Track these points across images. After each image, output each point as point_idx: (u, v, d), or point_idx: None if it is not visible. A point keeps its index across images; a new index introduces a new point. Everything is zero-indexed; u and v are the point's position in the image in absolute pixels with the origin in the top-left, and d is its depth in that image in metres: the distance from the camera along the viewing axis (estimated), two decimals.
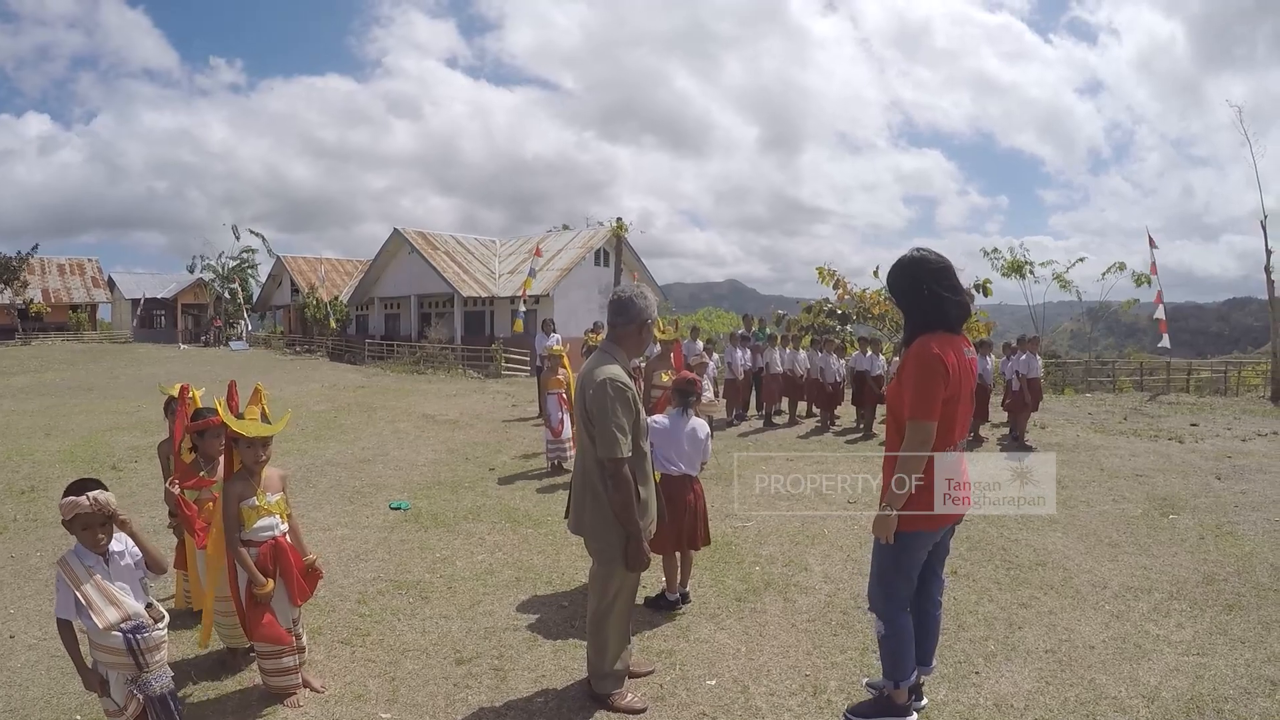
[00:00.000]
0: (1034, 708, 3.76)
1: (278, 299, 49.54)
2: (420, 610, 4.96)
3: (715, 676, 4.07)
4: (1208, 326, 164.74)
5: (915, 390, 3.23)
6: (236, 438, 3.73)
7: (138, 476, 8.93)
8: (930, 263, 3.38)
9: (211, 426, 4.21)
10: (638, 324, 3.69)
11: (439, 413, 14.94)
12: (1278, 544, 6.41)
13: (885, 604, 3.46)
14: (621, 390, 3.47)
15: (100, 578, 3.04)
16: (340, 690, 3.93)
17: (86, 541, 3.04)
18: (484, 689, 3.95)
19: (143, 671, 3.07)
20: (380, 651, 4.36)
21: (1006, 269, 28.81)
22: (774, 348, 13.98)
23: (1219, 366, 29.20)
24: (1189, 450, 10.95)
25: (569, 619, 4.82)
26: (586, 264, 32.92)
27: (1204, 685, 3.97)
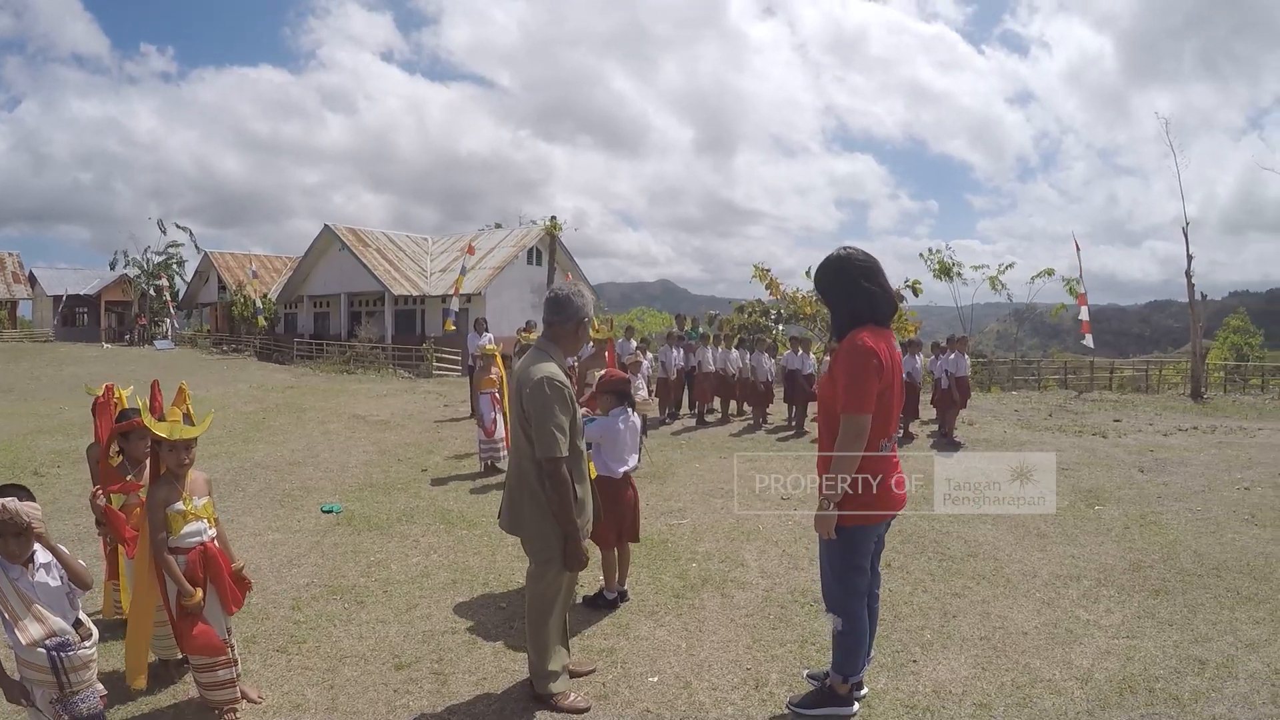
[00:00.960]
0: (972, 692, 3.85)
1: (204, 296, 47.79)
2: (356, 615, 4.85)
3: (657, 673, 4.06)
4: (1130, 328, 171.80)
5: (849, 383, 3.26)
6: (159, 440, 3.58)
7: (61, 482, 8.58)
8: (857, 259, 3.44)
9: (137, 428, 4.04)
10: (574, 322, 3.67)
11: (370, 413, 14.69)
12: (1200, 532, 6.69)
13: (846, 600, 3.48)
14: (559, 389, 3.44)
15: (24, 590, 2.92)
16: (278, 700, 3.82)
17: (1, 550, 2.90)
18: (425, 694, 3.87)
19: (65, 691, 2.95)
20: (317, 659, 4.25)
21: (937, 271, 29.60)
22: (706, 347, 14.09)
23: (1140, 365, 30.48)
24: (1113, 445, 11.39)
25: (507, 620, 4.76)
26: (519, 263, 32.73)
27: (1135, 666, 4.11)
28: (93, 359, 29.91)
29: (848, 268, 3.43)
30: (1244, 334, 51.99)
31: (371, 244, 34.20)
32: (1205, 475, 9.08)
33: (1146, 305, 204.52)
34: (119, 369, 24.38)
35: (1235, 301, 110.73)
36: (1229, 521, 7.00)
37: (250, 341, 37.07)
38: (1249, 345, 49.58)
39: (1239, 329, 52.94)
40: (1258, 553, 6.07)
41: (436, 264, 35.32)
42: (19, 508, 2.89)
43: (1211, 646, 4.37)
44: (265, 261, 46.24)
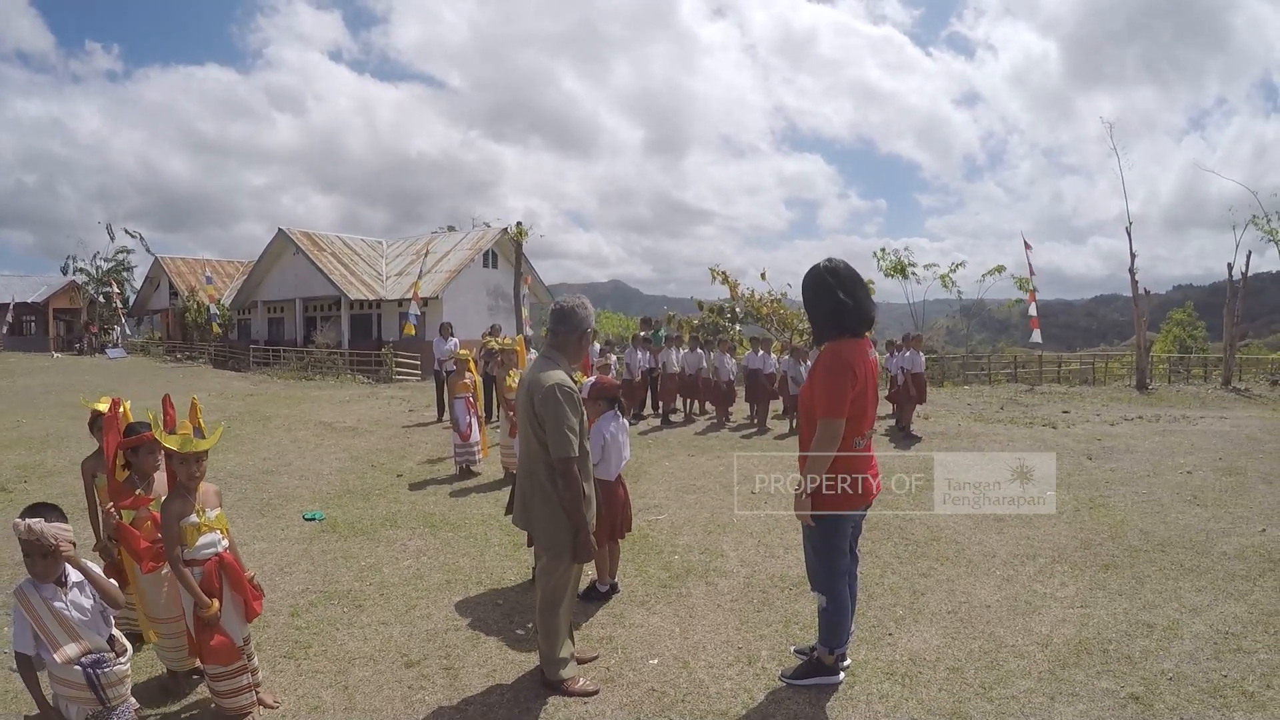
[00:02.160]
0: (945, 659, 4.23)
1: (155, 303, 46.56)
2: (357, 618, 4.96)
3: (656, 656, 4.35)
4: (1076, 322, 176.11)
5: (825, 391, 3.60)
6: (170, 454, 3.67)
7: (32, 497, 8.25)
8: (842, 273, 3.76)
9: (146, 442, 4.08)
10: (579, 333, 3.94)
11: (336, 420, 14.64)
12: (1146, 513, 7.17)
13: (829, 579, 3.83)
14: (570, 393, 3.70)
15: (59, 608, 3.00)
16: (294, 704, 3.91)
17: (28, 569, 3.00)
18: (438, 689, 4.04)
19: (104, 705, 3.04)
20: (325, 662, 4.36)
21: (890, 269, 30.23)
22: (671, 349, 14.38)
23: (1087, 359, 31.51)
24: (1062, 435, 11.94)
25: (506, 615, 4.98)
26: (475, 266, 32.65)
27: (1089, 631, 4.54)
28: (45, 369, 29.17)
29: (827, 281, 3.73)
30: (1187, 326, 53.49)
31: (326, 248, 33.87)
32: (1150, 461, 9.60)
33: (1092, 300, 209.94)
34: (74, 379, 23.91)
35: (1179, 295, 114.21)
36: (1173, 503, 7.49)
37: (205, 349, 36.39)
38: (1192, 338, 51.03)
39: (1182, 322, 54.48)
40: (1199, 530, 6.55)
41: (392, 268, 35.07)
42: (45, 529, 2.97)
43: (1158, 613, 4.81)
44: (217, 266, 45.26)
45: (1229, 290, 22.48)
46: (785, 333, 25.91)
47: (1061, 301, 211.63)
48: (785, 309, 28.49)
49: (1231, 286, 22.36)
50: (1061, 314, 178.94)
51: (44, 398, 18.30)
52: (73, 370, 28.81)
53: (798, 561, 5.74)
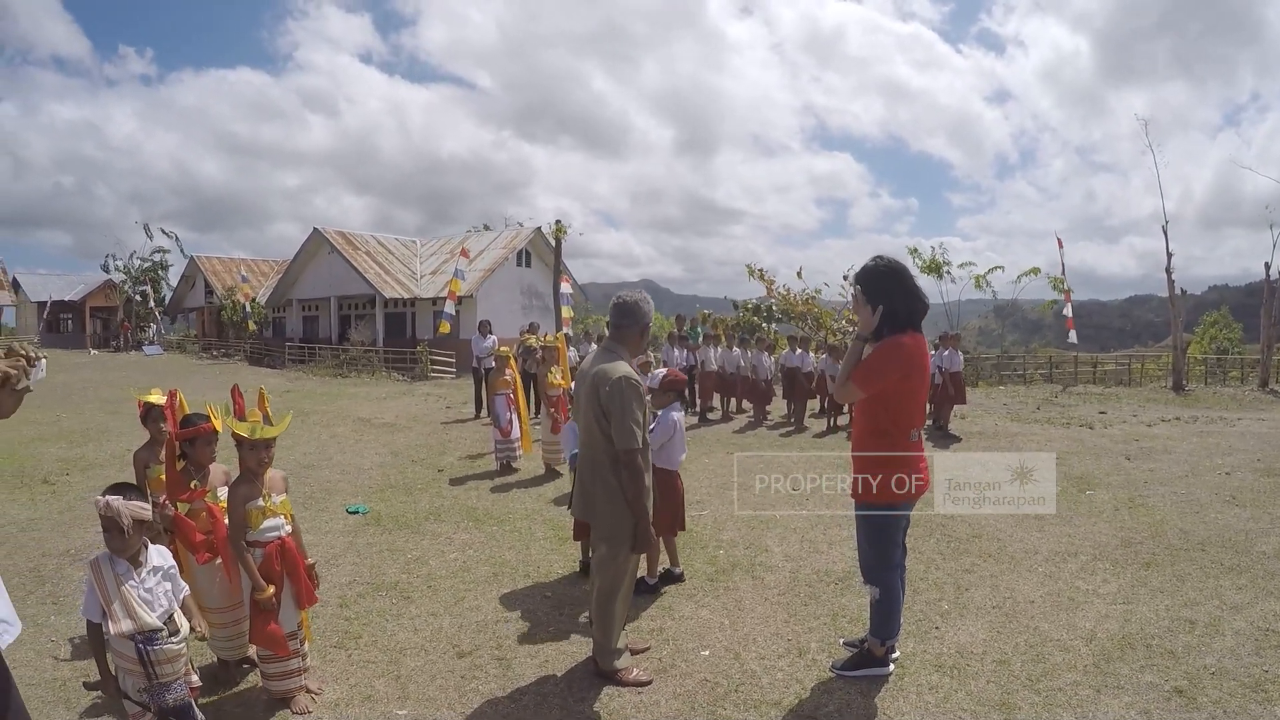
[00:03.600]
0: (991, 652, 4.30)
1: (190, 301, 47.33)
2: (405, 610, 5.04)
3: (708, 647, 4.44)
4: (1110, 322, 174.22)
5: (872, 369, 3.75)
6: (240, 440, 3.77)
7: (74, 489, 8.55)
8: (905, 270, 3.86)
9: (202, 434, 4.13)
10: (640, 326, 4.05)
11: (373, 416, 14.87)
12: (1185, 512, 7.18)
13: (883, 571, 3.91)
14: (635, 386, 3.81)
15: (128, 587, 3.08)
16: (347, 693, 3.98)
17: (106, 544, 3.10)
18: (491, 678, 4.10)
19: (152, 682, 3.11)
20: (376, 652, 4.43)
21: (925, 268, 30.15)
22: (709, 347, 14.46)
23: (1122, 360, 31.17)
24: (1099, 435, 11.92)
25: (555, 608, 5.07)
26: (509, 265, 32.82)
27: (1133, 627, 4.59)
28: (82, 366, 29.78)
29: (895, 276, 3.82)
30: (1223, 328, 52.82)
31: (361, 247, 34.17)
32: (1188, 462, 9.58)
33: (1126, 300, 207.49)
34: (111, 375, 24.41)
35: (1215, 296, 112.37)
36: (1211, 503, 7.49)
37: (240, 346, 36.93)
38: (1229, 339, 50.37)
39: (1216, 323, 53.82)
40: (1239, 530, 6.55)
41: (426, 266, 35.33)
42: (121, 506, 3.05)
43: (1200, 609, 4.84)
44: (252, 265, 45.91)
45: (1266, 290, 22.19)
46: (820, 331, 25.91)
47: (1095, 302, 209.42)
48: (820, 307, 28.47)
49: (1269, 286, 22.05)
50: (1095, 314, 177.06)
51: (82, 393, 18.73)
52: (110, 367, 29.36)
53: (842, 557, 5.85)
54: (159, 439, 4.47)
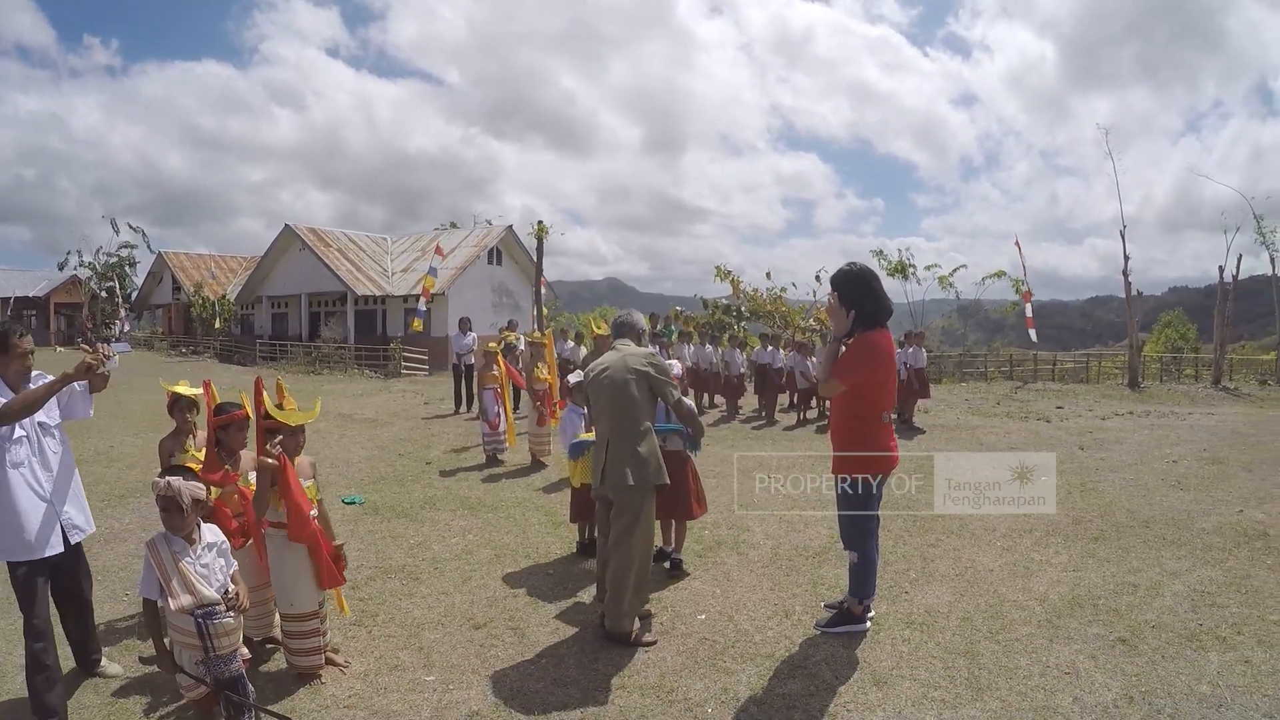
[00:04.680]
0: (956, 611, 4.85)
1: (158, 297, 46.65)
2: (416, 590, 5.31)
3: (703, 612, 4.91)
4: (1072, 322, 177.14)
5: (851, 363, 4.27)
6: (277, 428, 4.02)
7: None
8: (874, 275, 4.41)
9: (236, 420, 4.30)
10: (637, 332, 4.86)
11: (354, 412, 14.98)
12: (1132, 495, 7.79)
13: (863, 537, 4.43)
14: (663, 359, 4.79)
15: (185, 563, 3.27)
16: (374, 664, 4.23)
17: (164, 523, 3.29)
18: (508, 645, 4.45)
19: (209, 655, 3.25)
20: (394, 628, 4.68)
21: (891, 270, 30.86)
22: (682, 344, 14.91)
23: (1081, 358, 32.06)
24: (1055, 428, 12.58)
25: (558, 583, 5.45)
26: (480, 262, 32.88)
27: (1081, 590, 5.17)
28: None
29: (868, 281, 4.37)
30: (1179, 328, 54.46)
31: (333, 244, 34.05)
32: (1138, 451, 10.23)
33: (1087, 300, 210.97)
34: None
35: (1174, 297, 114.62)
36: (1158, 487, 8.09)
37: (209, 343, 36.50)
38: (1184, 339, 51.91)
39: (1171, 323, 55.54)
40: (1182, 510, 7.15)
41: (397, 264, 35.28)
42: (181, 485, 3.25)
43: (1142, 575, 5.43)
44: (220, 261, 45.09)
45: (1220, 293, 23.03)
46: (787, 329, 26.48)
47: (1057, 302, 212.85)
48: (786, 306, 29.08)
49: (1222, 289, 22.90)
50: (1057, 314, 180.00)
51: None
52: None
53: (818, 535, 6.36)
54: (185, 429, 4.65)
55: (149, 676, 4.11)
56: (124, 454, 10.24)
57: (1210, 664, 4.08)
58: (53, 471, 3.89)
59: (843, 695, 3.86)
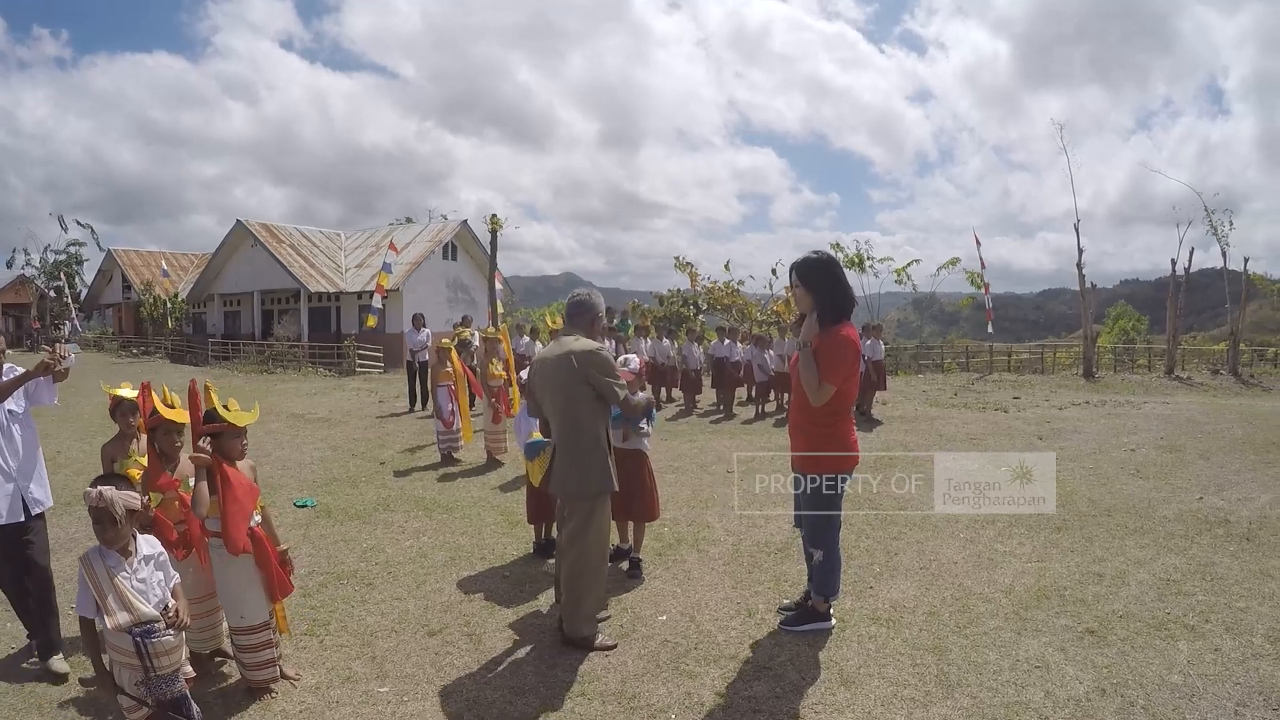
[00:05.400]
0: (922, 605, 4.76)
1: (108, 297, 45.47)
2: (369, 596, 5.13)
3: (664, 613, 4.76)
4: (1025, 314, 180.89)
5: (833, 362, 4.03)
6: (221, 430, 3.80)
7: None
8: (838, 263, 4.24)
9: (164, 423, 4.10)
10: (591, 315, 4.46)
11: (307, 411, 14.75)
12: (1093, 484, 7.80)
13: (829, 535, 4.29)
14: (607, 353, 4.28)
15: (121, 578, 3.09)
16: (326, 676, 4.05)
17: (97, 536, 3.11)
18: (464, 653, 4.28)
19: (149, 675, 3.10)
20: (347, 637, 4.51)
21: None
22: (639, 339, 14.79)
23: (1036, 349, 32.56)
24: (1013, 418, 12.68)
25: (515, 586, 5.28)
26: (435, 258, 32.53)
27: (1047, 580, 5.12)
28: None
29: (834, 270, 4.19)
30: (1130, 320, 55.78)
31: (285, 240, 33.44)
32: (1096, 440, 10.32)
33: (1040, 293, 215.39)
34: None
35: (1125, 290, 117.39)
36: (1117, 476, 8.14)
37: (161, 343, 35.75)
38: (1135, 330, 53.14)
39: (1122, 315, 56.90)
40: (1142, 498, 7.18)
41: (351, 260, 34.75)
42: (114, 496, 3.07)
43: (1107, 565, 5.40)
44: (171, 259, 43.92)
45: (1172, 284, 23.48)
46: (745, 322, 26.49)
47: (1011, 295, 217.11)
48: (744, 299, 29.08)
49: (1174, 281, 23.35)
50: (1011, 307, 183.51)
51: None
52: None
53: (779, 530, 6.24)
54: (128, 433, 4.44)
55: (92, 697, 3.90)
56: (71, 459, 9.84)
57: (1180, 653, 4.04)
58: (19, 452, 4.28)
59: (810, 696, 3.75)
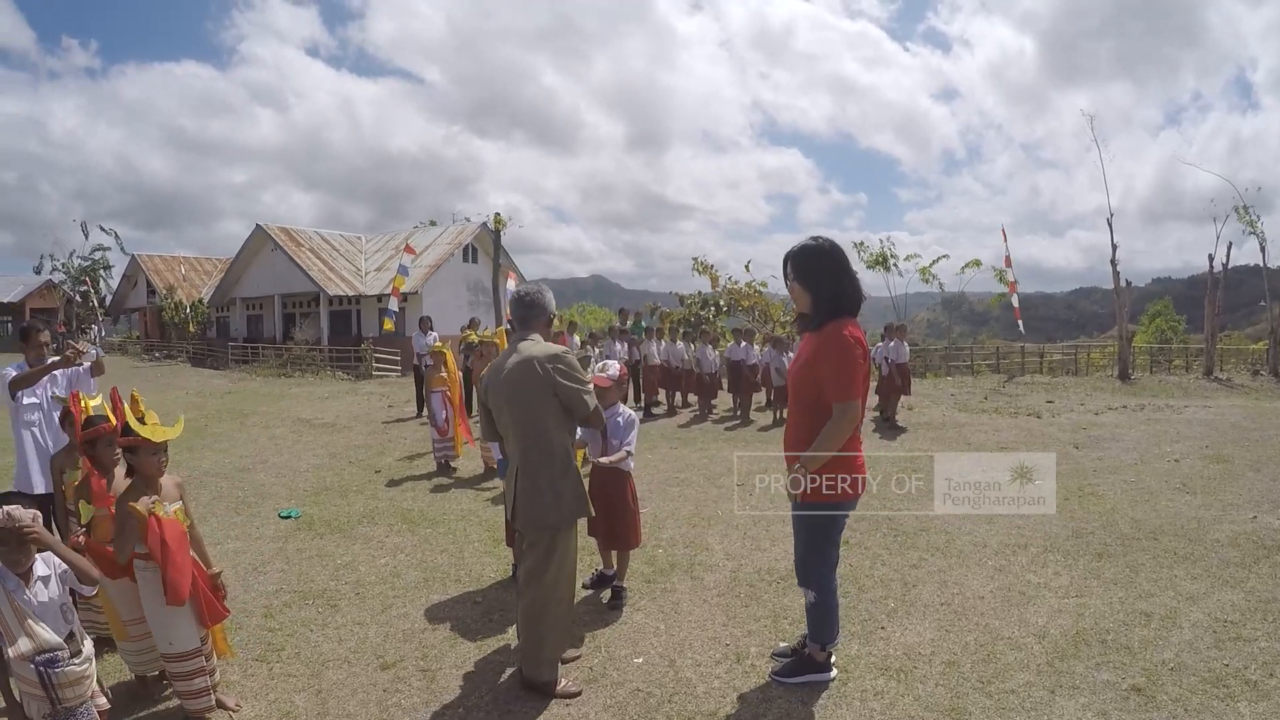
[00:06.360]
0: (940, 652, 4.10)
1: (133, 301, 46.17)
2: (332, 619, 4.82)
3: (641, 654, 4.20)
4: (1056, 314, 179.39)
5: (842, 372, 3.39)
6: (137, 445, 3.55)
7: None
8: (840, 251, 3.56)
9: (105, 434, 3.91)
10: (547, 316, 3.93)
11: (314, 416, 14.52)
12: (1136, 501, 7.11)
13: (821, 573, 3.68)
14: (572, 357, 3.75)
15: (21, 602, 2.91)
16: (265, 709, 3.79)
17: (2, 559, 2.91)
18: (415, 691, 3.90)
19: (55, 707, 2.94)
20: (298, 665, 4.23)
21: (871, 261, 30.29)
22: (651, 340, 14.26)
23: (1069, 350, 31.65)
24: (1047, 424, 11.93)
25: (485, 614, 4.83)
26: (455, 260, 32.38)
27: (1086, 621, 4.43)
28: None
29: (831, 257, 3.54)
30: (1167, 318, 54.32)
31: (305, 243, 33.44)
32: (1137, 449, 9.59)
33: (1072, 292, 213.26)
34: None
35: (1158, 288, 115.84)
36: (1162, 490, 7.45)
37: (183, 347, 36.13)
38: (1172, 329, 51.77)
39: (1160, 313, 55.35)
40: (1190, 517, 6.49)
41: (371, 263, 34.70)
42: (21, 513, 2.90)
43: (1155, 601, 4.72)
44: (195, 264, 44.81)
45: (1210, 281, 22.60)
46: (767, 324, 25.89)
47: (1041, 294, 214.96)
48: (766, 300, 28.47)
49: (1212, 278, 22.47)
50: (1041, 306, 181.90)
51: None
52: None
53: (785, 554, 5.63)
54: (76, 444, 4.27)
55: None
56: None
57: (1241, 718, 3.41)
58: (57, 432, 4.79)
59: None
